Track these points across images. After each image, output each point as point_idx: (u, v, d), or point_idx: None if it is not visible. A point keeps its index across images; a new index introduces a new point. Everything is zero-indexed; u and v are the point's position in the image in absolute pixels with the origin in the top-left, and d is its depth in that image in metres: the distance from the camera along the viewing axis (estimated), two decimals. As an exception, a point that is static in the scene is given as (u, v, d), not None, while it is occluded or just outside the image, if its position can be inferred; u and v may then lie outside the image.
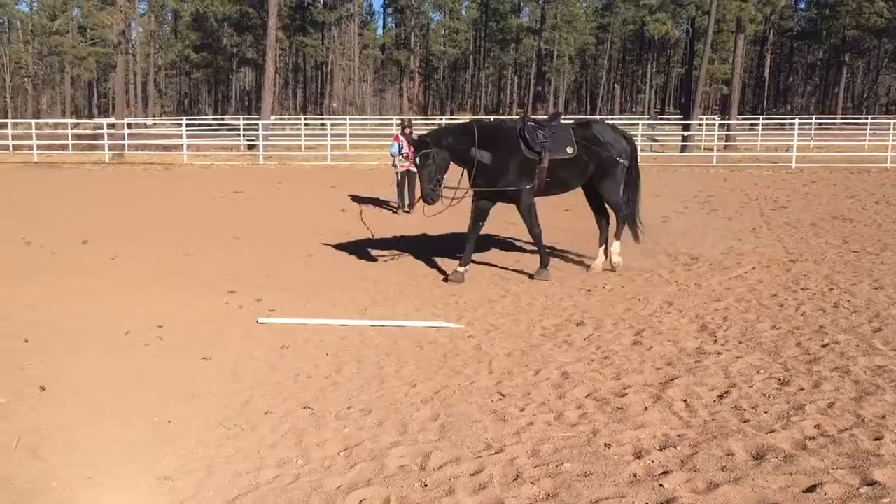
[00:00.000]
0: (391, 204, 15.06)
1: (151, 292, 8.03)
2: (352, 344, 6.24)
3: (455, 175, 8.79)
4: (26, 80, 68.49)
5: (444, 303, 7.64)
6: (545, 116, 10.00)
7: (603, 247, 9.35)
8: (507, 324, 6.77)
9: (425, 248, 10.69)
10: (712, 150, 27.63)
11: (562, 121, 9.32)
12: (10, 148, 30.08)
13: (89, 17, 50.54)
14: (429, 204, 8.37)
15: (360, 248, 10.56)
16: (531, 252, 10.17)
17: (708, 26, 32.98)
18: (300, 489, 3.72)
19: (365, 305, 7.57)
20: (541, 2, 60.03)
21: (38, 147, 28.56)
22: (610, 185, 9.17)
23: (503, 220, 9.30)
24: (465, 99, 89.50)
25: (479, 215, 8.89)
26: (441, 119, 47.79)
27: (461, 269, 8.69)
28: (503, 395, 4.91)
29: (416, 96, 74.04)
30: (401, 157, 14.31)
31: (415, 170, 13.78)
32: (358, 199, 15.86)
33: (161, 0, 70.20)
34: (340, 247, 10.76)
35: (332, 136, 30.39)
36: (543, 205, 9.36)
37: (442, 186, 8.39)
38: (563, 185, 9.11)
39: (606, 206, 9.49)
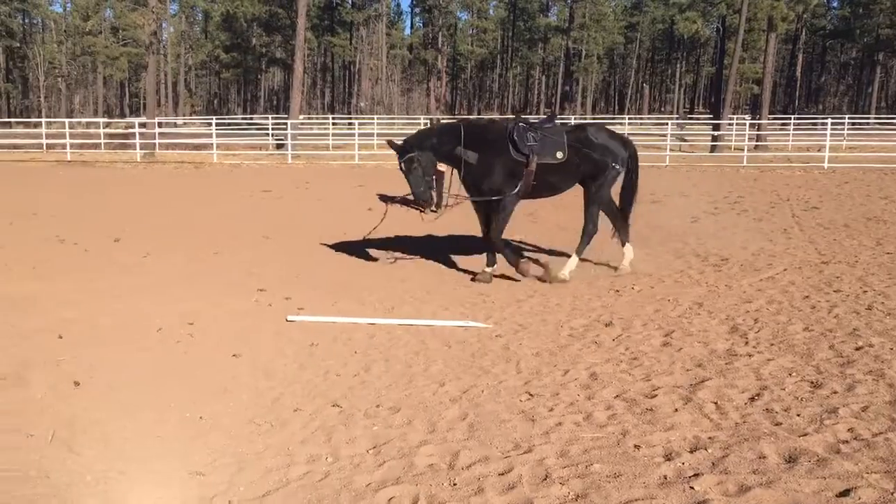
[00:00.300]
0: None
1: (182, 290, 8.12)
2: (380, 342, 6.26)
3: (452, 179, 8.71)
4: (60, 79, 69.53)
5: (471, 302, 7.64)
6: (540, 118, 9.81)
7: (624, 246, 9.21)
8: (535, 323, 6.75)
9: (454, 248, 10.71)
10: (742, 150, 27.36)
11: (557, 123, 9.07)
12: (44, 147, 30.57)
13: (121, 18, 51.24)
14: (423, 206, 8.47)
15: (392, 244, 10.59)
16: (559, 253, 10.15)
17: (739, 25, 32.64)
18: (330, 486, 3.74)
19: (393, 304, 7.60)
20: (569, 1, 59.81)
21: (72, 146, 29.01)
22: (595, 189, 8.83)
23: (526, 215, 9.23)
24: (493, 98, 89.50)
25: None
26: (469, 119, 47.78)
27: (488, 270, 8.68)
28: (532, 395, 4.90)
29: (444, 96, 74.07)
30: None
31: (442, 169, 13.82)
32: (385, 199, 15.91)
33: (191, 1, 70.93)
34: (368, 246, 10.80)
35: (360, 135, 30.52)
36: (550, 207, 9.28)
37: (433, 188, 8.46)
38: (552, 189, 8.94)
39: (613, 206, 9.27)
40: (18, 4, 66.25)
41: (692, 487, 3.55)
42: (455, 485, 3.70)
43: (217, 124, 33.74)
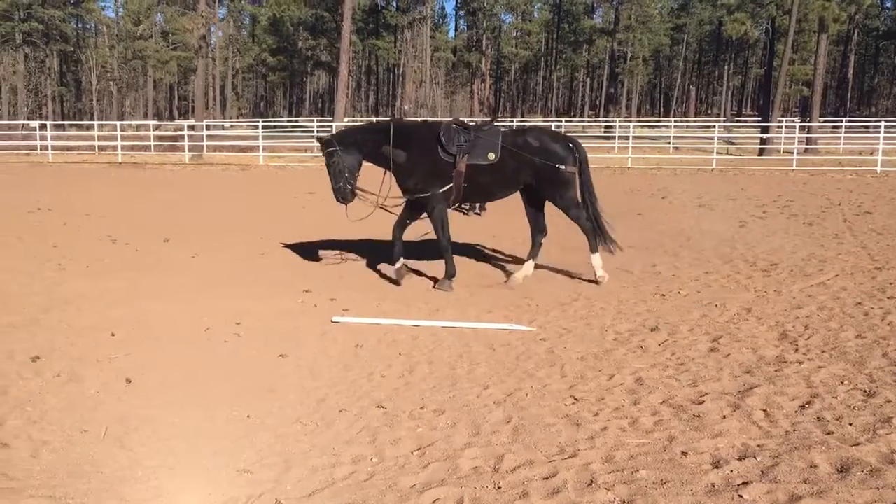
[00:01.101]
0: (461, 206, 15.09)
1: (230, 289, 8.24)
2: (424, 344, 6.28)
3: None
4: (111, 83, 71.16)
5: (515, 305, 7.62)
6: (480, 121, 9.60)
7: (531, 260, 8.85)
8: (579, 327, 6.71)
9: (501, 249, 10.70)
10: (792, 153, 26.88)
11: (496, 126, 8.80)
12: (97, 149, 31.31)
13: (172, 23, 52.25)
14: (340, 202, 8.49)
15: (432, 249, 10.62)
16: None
17: (789, 26, 32.06)
18: (375, 486, 3.77)
19: (437, 306, 7.61)
20: (615, 3, 59.23)
21: (123, 148, 29.67)
22: (559, 195, 8.54)
23: (561, 217, 9.10)
24: (536, 101, 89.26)
25: (442, 217, 8.65)
26: (512, 122, 47.68)
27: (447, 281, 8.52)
28: (576, 400, 4.88)
29: (487, 98, 74.02)
30: None
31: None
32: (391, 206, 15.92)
33: (239, 5, 72.11)
34: (413, 247, 10.84)
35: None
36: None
37: (352, 183, 8.44)
38: (485, 192, 8.77)
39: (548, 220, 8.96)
40: (73, 10, 68.01)
41: (741, 496, 3.49)
42: (500, 488, 3.69)
43: (263, 127, 34.22)
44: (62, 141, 34.41)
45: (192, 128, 32.11)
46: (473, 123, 8.88)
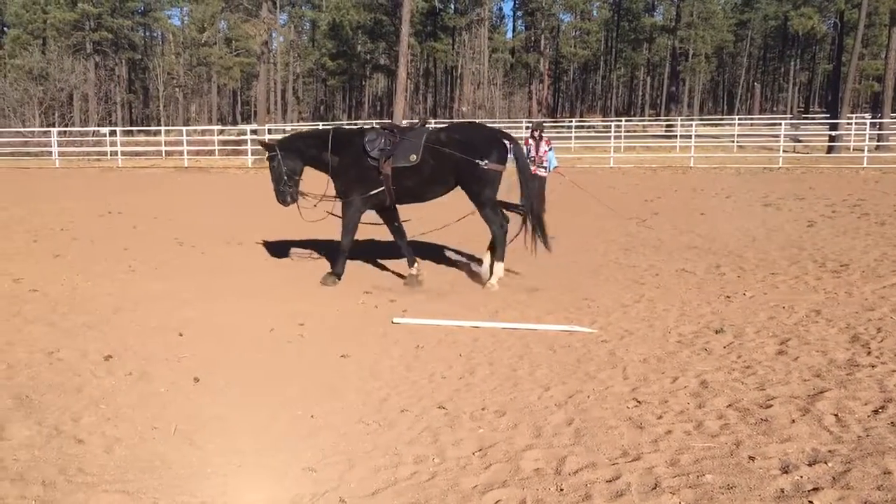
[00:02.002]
0: (520, 208, 14.98)
1: (293, 291, 8.37)
2: (484, 346, 6.28)
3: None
4: (177, 89, 73.08)
5: (576, 307, 7.56)
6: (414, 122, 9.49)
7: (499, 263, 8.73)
8: (641, 329, 6.63)
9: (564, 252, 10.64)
10: (863, 150, 26.04)
11: (427, 127, 8.83)
12: (164, 154, 32.17)
13: (235, 29, 53.41)
14: (281, 204, 8.80)
15: (429, 249, 10.62)
16: (662, 260, 9.94)
17: (859, 20, 31.09)
18: (437, 487, 3.78)
19: (496, 308, 7.60)
20: (676, 0, 58.35)
21: (188, 152, 30.42)
22: (475, 191, 8.49)
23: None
24: (595, 101, 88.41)
25: (391, 220, 8.98)
26: (570, 122, 47.35)
27: (412, 272, 8.79)
28: (639, 402, 4.82)
29: (546, 99, 73.63)
30: (529, 160, 14.29)
31: (542, 174, 13.82)
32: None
33: (300, 11, 73.23)
34: (470, 249, 10.86)
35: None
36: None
37: (292, 187, 8.69)
38: (413, 194, 8.67)
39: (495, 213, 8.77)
40: (141, 19, 70.07)
41: (811, 502, 3.41)
42: (562, 490, 3.67)
43: (324, 130, 34.61)
44: (131, 146, 35.45)
45: (254, 132, 32.71)
46: (404, 125, 9.12)
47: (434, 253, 10.58)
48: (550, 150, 14.13)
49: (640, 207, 15.04)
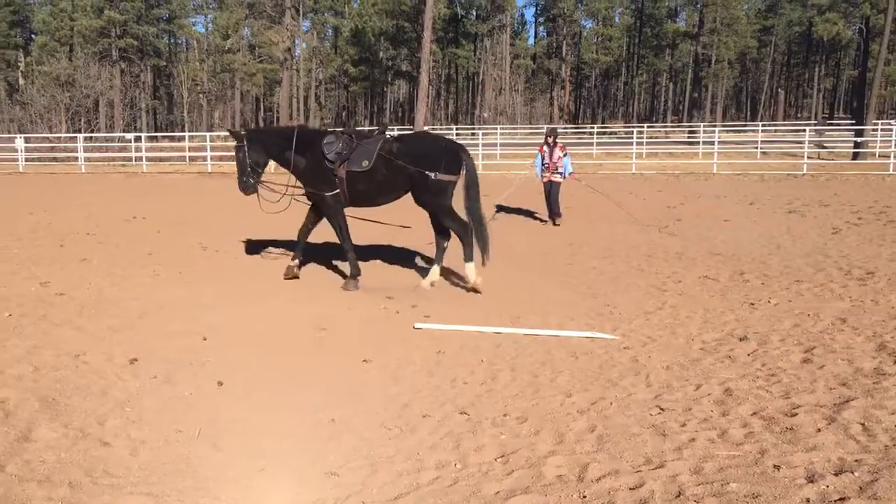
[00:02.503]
0: (535, 215, 15.04)
1: (315, 296, 8.41)
2: (506, 352, 6.28)
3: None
4: (201, 95, 73.76)
5: (598, 313, 7.53)
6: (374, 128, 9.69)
7: (437, 265, 9.01)
8: (664, 336, 6.59)
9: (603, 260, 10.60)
10: (888, 157, 25.70)
11: (386, 134, 8.99)
12: (188, 159, 32.44)
13: (258, 36, 53.84)
14: (243, 193, 9.13)
15: (512, 256, 10.62)
16: (685, 266, 9.88)
17: (885, 25, 30.74)
18: (459, 492, 3.78)
19: (518, 314, 7.59)
20: (699, 5, 58.02)
21: (212, 158, 30.65)
22: (430, 202, 8.67)
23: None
24: (617, 107, 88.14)
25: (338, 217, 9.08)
26: (592, 128, 47.20)
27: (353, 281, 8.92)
28: (662, 409, 4.79)
29: (567, 105, 73.52)
30: (543, 166, 14.36)
31: (557, 180, 13.85)
32: (503, 209, 15.93)
33: (323, 17, 73.68)
34: (493, 255, 10.85)
35: (483, 145, 30.72)
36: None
37: (254, 178, 8.99)
38: (366, 198, 8.89)
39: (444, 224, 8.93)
40: (166, 26, 70.83)
41: (838, 512, 3.37)
42: (585, 497, 3.66)
43: (345, 136, 34.74)
44: (155, 152, 35.77)
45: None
46: (363, 131, 9.41)
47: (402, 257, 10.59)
48: (565, 155, 14.25)
49: (663, 214, 14.96)
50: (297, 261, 9.36)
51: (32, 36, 69.83)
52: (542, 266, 10.08)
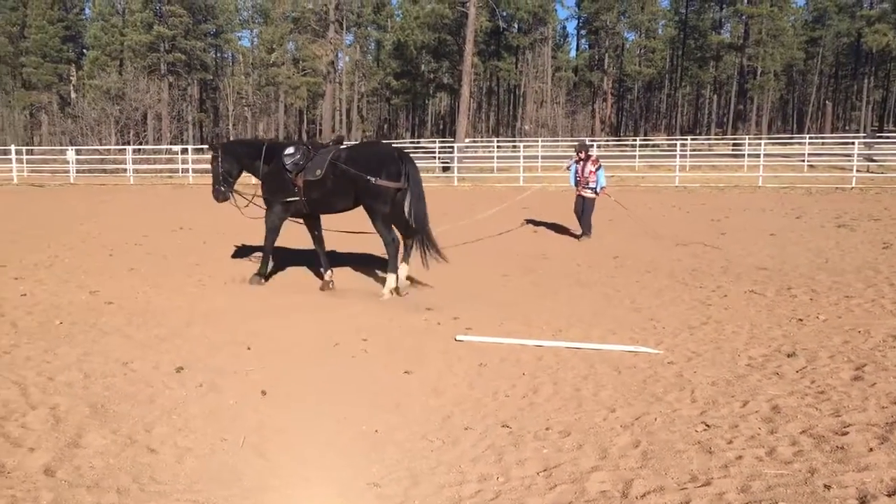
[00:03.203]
0: (571, 230, 14.66)
1: (357, 306, 8.46)
2: (548, 365, 6.24)
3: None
4: (246, 108, 74.91)
5: (641, 327, 7.45)
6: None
7: (402, 264, 9.37)
8: (709, 351, 6.49)
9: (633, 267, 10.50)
10: (942, 170, 25.09)
11: (341, 144, 9.62)
12: (232, 171, 32.87)
13: (303, 50, 54.57)
14: (216, 200, 9.91)
15: (554, 270, 10.58)
16: (730, 281, 9.74)
17: (937, 35, 30.06)
18: (501, 506, 3.76)
19: (560, 327, 7.54)
20: (744, 17, 57.32)
21: (256, 170, 31.07)
22: (367, 204, 9.08)
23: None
24: (660, 119, 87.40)
25: (312, 228, 9.89)
26: (634, 140, 46.86)
27: (326, 277, 9.68)
28: (708, 426, 4.71)
29: (609, 117, 73.11)
30: (576, 181, 13.99)
31: (588, 195, 13.44)
32: (532, 222, 15.80)
33: (366, 31, 74.42)
34: (534, 268, 10.83)
35: (525, 158, 30.68)
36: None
37: (225, 185, 9.74)
38: (322, 205, 9.42)
39: (404, 228, 9.31)
40: (212, 41, 72.17)
41: (892, 535, 3.27)
42: (629, 513, 3.61)
43: (387, 148, 34.97)
44: (201, 164, 36.41)
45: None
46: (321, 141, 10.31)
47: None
48: (598, 169, 13.78)
49: (707, 227, 14.77)
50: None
51: (84, 51, 71.66)
52: (585, 279, 10.01)
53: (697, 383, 5.61)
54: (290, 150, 9.35)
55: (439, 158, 35.92)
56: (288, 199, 9.37)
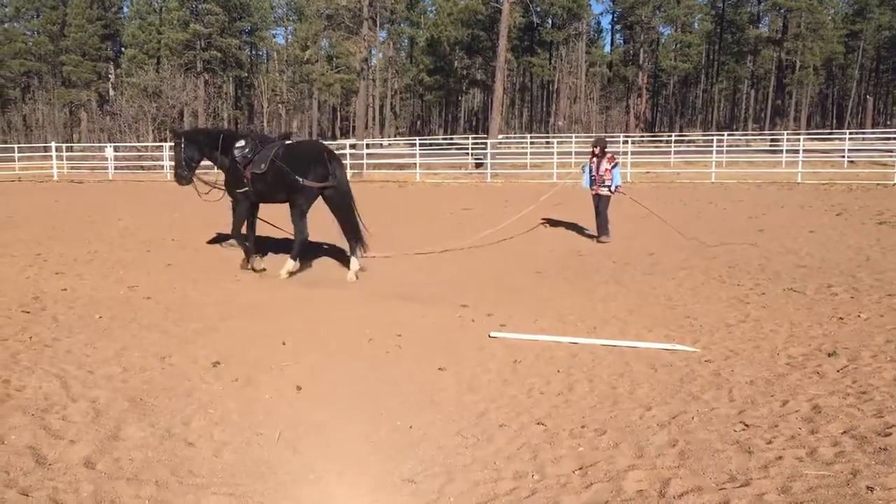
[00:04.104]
0: (587, 231, 14.11)
1: (390, 302, 8.48)
2: (583, 362, 6.19)
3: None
4: (280, 105, 75.46)
5: (677, 325, 7.37)
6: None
7: (353, 257, 10.08)
8: (747, 350, 6.40)
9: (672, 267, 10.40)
10: None
11: (291, 140, 10.57)
12: (267, 167, 33.17)
13: (336, 47, 54.90)
14: (178, 184, 10.51)
15: (588, 266, 10.51)
16: (768, 278, 9.59)
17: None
18: (537, 504, 3.74)
19: (594, 324, 7.49)
20: (783, 11, 56.38)
21: (290, 166, 31.33)
22: (292, 198, 9.89)
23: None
24: (696, 115, 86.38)
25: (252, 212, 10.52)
26: (670, 136, 46.37)
27: (253, 263, 10.37)
28: (747, 426, 4.64)
29: (644, 113, 72.39)
30: (591, 179, 13.40)
31: (605, 193, 12.87)
32: (549, 221, 15.61)
33: (399, 28, 74.53)
34: (568, 265, 10.77)
35: (558, 154, 30.52)
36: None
37: (187, 170, 10.28)
38: (266, 196, 10.17)
39: (349, 222, 10.15)
40: (248, 38, 72.83)
41: (939, 539, 3.19)
42: (666, 513, 3.57)
43: (419, 145, 35.08)
44: (236, 160, 36.79)
45: (352, 147, 33.40)
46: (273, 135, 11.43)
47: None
48: (615, 167, 13.17)
49: (744, 224, 14.57)
50: (258, 258, 10.61)
51: (122, 49, 72.68)
52: (620, 276, 9.93)
53: (735, 382, 5.53)
54: (240, 143, 10.06)
55: (472, 155, 35.88)
56: (241, 190, 10.09)
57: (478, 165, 32.78)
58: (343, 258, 10.95)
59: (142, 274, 10.05)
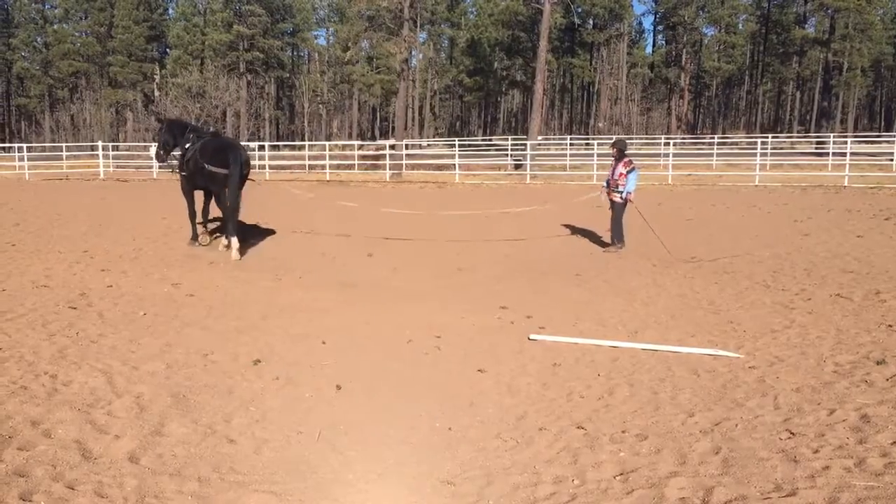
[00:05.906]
0: (603, 238, 13.49)
1: (429, 303, 8.49)
2: (623, 366, 6.13)
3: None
4: (321, 106, 76.03)
5: (720, 330, 7.26)
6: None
7: (230, 237, 11.52)
8: (793, 356, 6.27)
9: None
10: None
11: (212, 134, 12.61)
12: (307, 167, 33.50)
13: (377, 48, 55.04)
14: (158, 162, 12.70)
15: (628, 269, 10.40)
16: (814, 284, 9.40)
17: None
18: (577, 509, 3.70)
19: (635, 328, 7.41)
20: (830, 11, 55.27)
21: (330, 167, 31.55)
22: (209, 187, 11.88)
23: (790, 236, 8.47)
24: (739, 116, 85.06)
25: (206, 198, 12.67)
26: (712, 138, 45.73)
27: (198, 241, 12.41)
28: (793, 434, 4.55)
29: (686, 115, 71.54)
30: (607, 183, 12.63)
31: (618, 200, 12.12)
32: (568, 226, 15.40)
33: (439, 29, 74.66)
34: (608, 267, 10.67)
35: (598, 155, 30.28)
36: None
37: (165, 153, 12.25)
38: (203, 184, 11.85)
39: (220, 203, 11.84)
40: (289, 39, 73.54)
41: None
42: (710, 522, 3.51)
43: (459, 146, 35.07)
44: (277, 161, 37.15)
45: (392, 147, 33.50)
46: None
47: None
48: (630, 171, 12.13)
49: (789, 228, 14.30)
50: (205, 237, 12.52)
51: (167, 50, 73.87)
52: (661, 279, 9.81)
53: (780, 389, 5.42)
54: (188, 136, 11.88)
55: (511, 156, 35.75)
56: (183, 175, 11.96)
57: (517, 167, 32.66)
58: (375, 262, 10.98)
59: (185, 271, 10.20)
